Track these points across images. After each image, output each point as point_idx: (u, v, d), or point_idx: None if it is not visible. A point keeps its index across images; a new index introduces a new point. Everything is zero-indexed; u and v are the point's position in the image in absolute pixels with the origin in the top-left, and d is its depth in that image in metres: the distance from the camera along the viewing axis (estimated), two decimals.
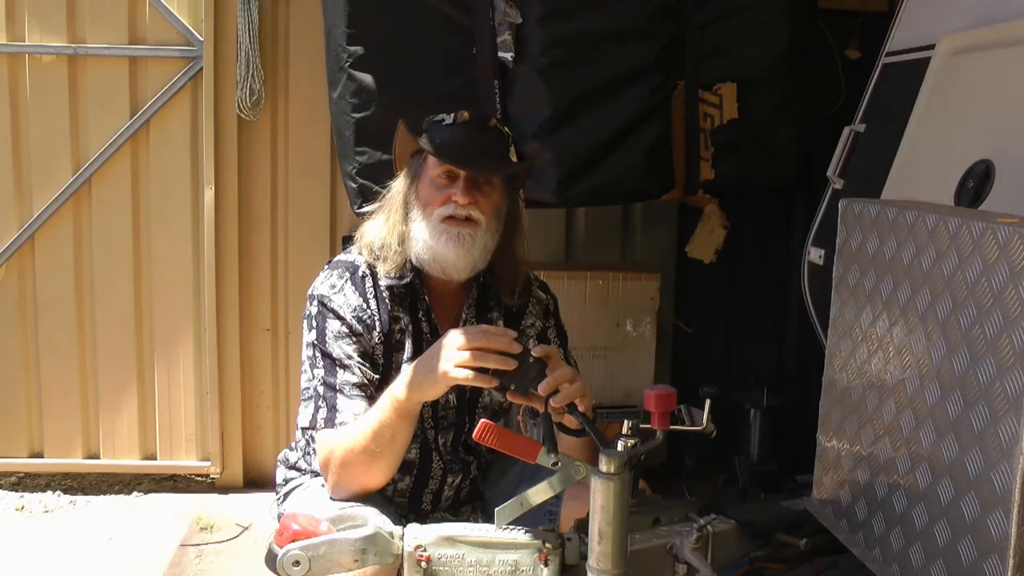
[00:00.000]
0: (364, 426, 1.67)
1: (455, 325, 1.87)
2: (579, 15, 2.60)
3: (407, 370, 1.66)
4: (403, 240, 1.83)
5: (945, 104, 2.07)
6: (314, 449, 1.84)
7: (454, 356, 1.55)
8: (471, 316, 1.91)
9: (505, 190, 1.86)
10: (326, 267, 1.89)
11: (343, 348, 1.77)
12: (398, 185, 1.88)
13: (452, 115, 1.83)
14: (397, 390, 1.64)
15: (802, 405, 2.03)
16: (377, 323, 1.82)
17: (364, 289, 1.83)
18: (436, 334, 1.86)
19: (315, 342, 1.78)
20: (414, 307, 1.86)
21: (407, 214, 1.83)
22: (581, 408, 1.54)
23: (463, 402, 1.91)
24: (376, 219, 1.89)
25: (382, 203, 1.91)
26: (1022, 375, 1.12)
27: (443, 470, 1.92)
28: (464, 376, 1.54)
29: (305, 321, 1.83)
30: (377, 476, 1.71)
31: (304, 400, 1.78)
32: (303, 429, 1.80)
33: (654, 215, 3.42)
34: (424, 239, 1.79)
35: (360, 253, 1.88)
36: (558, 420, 1.60)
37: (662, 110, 2.75)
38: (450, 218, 1.77)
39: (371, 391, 1.77)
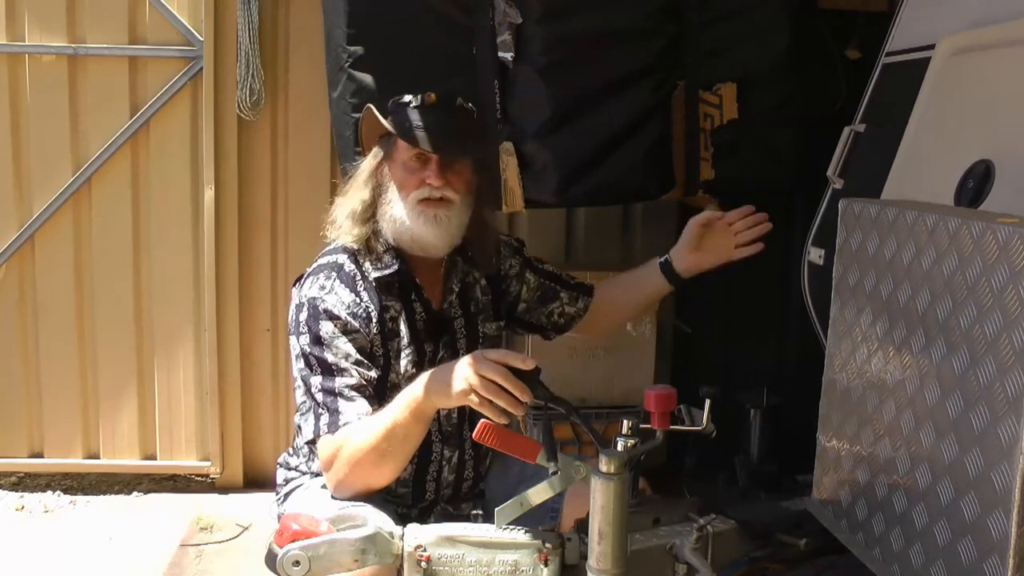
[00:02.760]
0: (376, 424, 1.67)
1: (444, 298, 1.93)
2: (579, 15, 2.59)
3: (424, 375, 1.67)
4: (370, 209, 1.88)
5: (945, 104, 2.07)
6: (316, 457, 1.83)
7: (471, 379, 1.54)
8: (456, 285, 1.95)
9: (474, 164, 1.92)
10: (308, 275, 1.89)
11: (339, 349, 1.77)
12: (366, 164, 1.93)
13: (419, 96, 1.86)
14: (415, 391, 1.65)
15: (802, 405, 2.02)
16: (373, 314, 1.83)
17: (354, 284, 1.85)
18: (429, 310, 1.90)
19: (308, 350, 1.78)
20: (405, 292, 1.89)
21: (377, 191, 1.88)
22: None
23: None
24: (343, 197, 1.94)
25: (348, 182, 1.96)
26: (1022, 375, 1.12)
27: (441, 444, 1.93)
28: (475, 403, 1.55)
29: (293, 329, 1.82)
30: (385, 474, 1.71)
31: (303, 414, 1.78)
32: (308, 443, 1.79)
33: (654, 215, 3.41)
34: (402, 220, 1.84)
35: (338, 251, 1.89)
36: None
37: (662, 110, 2.74)
38: (426, 200, 1.83)
39: (369, 391, 1.77)
